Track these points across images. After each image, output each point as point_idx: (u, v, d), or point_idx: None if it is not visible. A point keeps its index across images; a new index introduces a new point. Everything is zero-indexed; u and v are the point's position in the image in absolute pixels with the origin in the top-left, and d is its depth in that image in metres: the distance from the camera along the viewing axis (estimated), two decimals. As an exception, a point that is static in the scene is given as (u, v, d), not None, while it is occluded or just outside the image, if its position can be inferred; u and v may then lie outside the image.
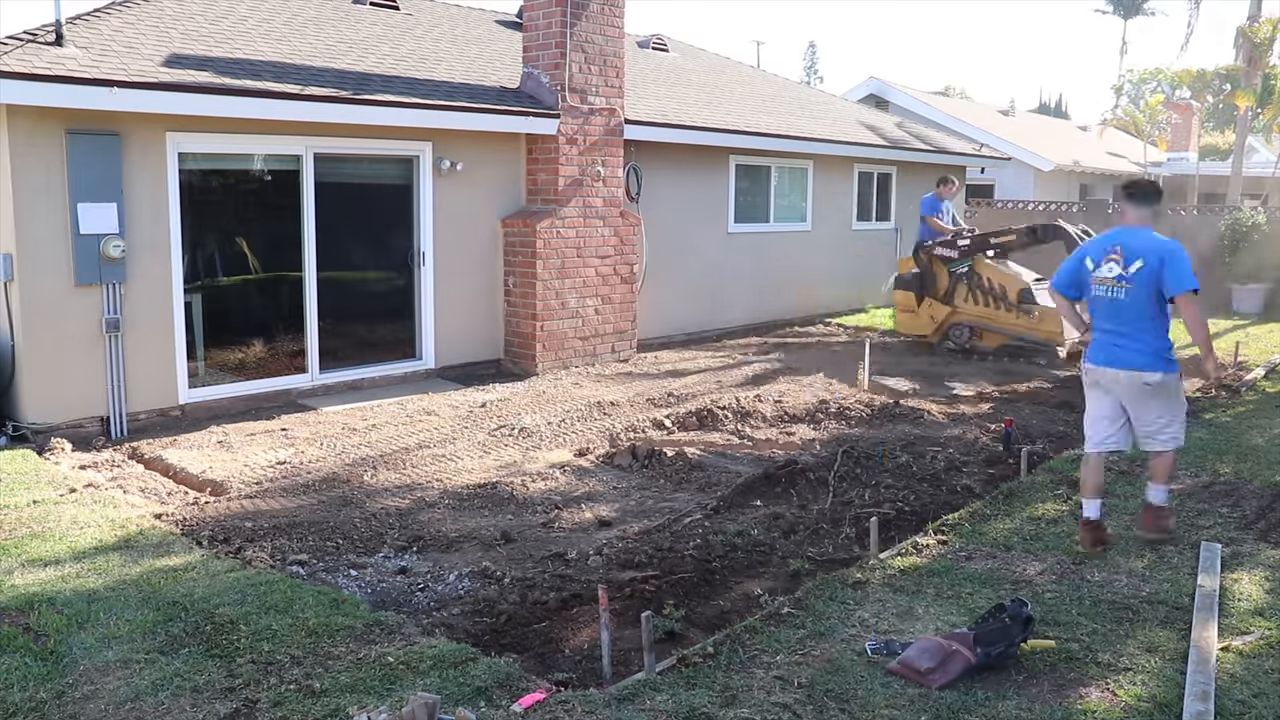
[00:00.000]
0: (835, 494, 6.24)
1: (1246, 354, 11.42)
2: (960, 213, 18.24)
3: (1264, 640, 4.11)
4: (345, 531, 5.61)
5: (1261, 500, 5.97)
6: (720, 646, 3.98)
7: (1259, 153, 26.81)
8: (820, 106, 16.66)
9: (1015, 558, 5.05)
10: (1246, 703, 3.61)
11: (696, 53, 17.03)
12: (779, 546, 5.39)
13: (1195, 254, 16.59)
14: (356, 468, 6.89)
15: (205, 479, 6.59)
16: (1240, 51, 18.79)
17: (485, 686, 3.65)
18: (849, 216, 15.45)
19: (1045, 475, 6.49)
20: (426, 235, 9.71)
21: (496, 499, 6.25)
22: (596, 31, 10.29)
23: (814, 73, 76.82)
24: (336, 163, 9.06)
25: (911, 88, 24.58)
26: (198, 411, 8.18)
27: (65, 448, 7.09)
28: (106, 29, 8.20)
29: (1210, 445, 7.29)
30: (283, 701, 3.55)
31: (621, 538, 5.55)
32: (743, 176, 13.27)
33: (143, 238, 7.73)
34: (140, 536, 5.32)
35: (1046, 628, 4.19)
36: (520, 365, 10.31)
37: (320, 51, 9.59)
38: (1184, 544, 5.24)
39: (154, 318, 7.89)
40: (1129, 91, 32.64)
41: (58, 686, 3.68)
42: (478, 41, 12.30)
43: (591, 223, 10.54)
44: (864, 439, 7.65)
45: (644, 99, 12.06)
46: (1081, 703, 3.59)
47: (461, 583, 4.94)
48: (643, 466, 7.05)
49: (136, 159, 7.66)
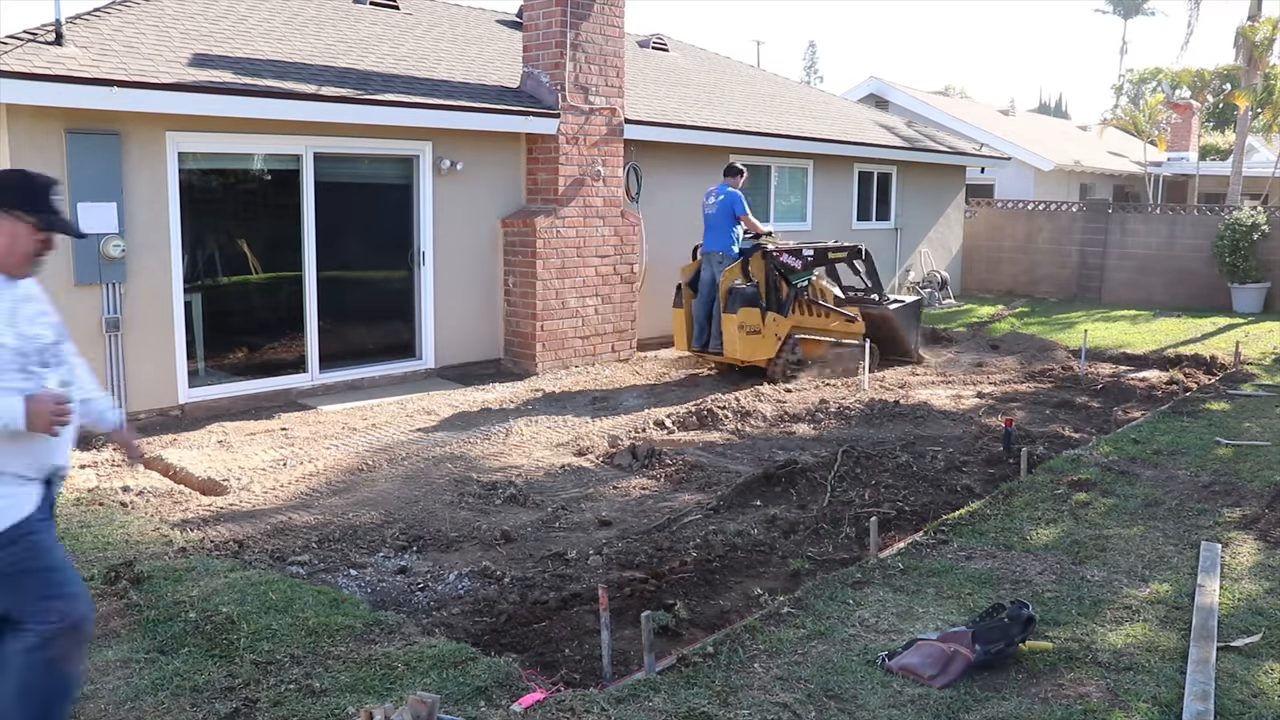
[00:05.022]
0: (835, 494, 6.24)
1: (1247, 353, 11.43)
2: (962, 213, 18.30)
3: (1264, 640, 4.11)
4: (345, 531, 5.61)
5: (1261, 500, 5.97)
6: (720, 646, 3.98)
7: (1259, 153, 26.80)
8: (820, 106, 16.66)
9: (1015, 558, 5.05)
10: (1246, 703, 3.61)
11: (696, 53, 17.03)
12: (779, 546, 5.39)
13: (1195, 253, 16.64)
14: (356, 467, 6.89)
15: (205, 478, 6.59)
16: (1240, 51, 18.79)
17: (485, 686, 3.64)
18: (849, 216, 15.44)
19: (1045, 475, 6.49)
20: (426, 235, 9.71)
21: (496, 498, 6.25)
22: (596, 31, 10.29)
23: (814, 73, 76.87)
24: (336, 162, 9.06)
25: (911, 88, 24.57)
26: (198, 411, 8.18)
27: (65, 447, 7.08)
28: (106, 28, 8.20)
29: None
30: (283, 701, 3.55)
31: (621, 537, 5.55)
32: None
33: (142, 237, 7.73)
34: (140, 536, 5.31)
35: (1046, 628, 4.19)
36: (520, 365, 10.31)
37: (320, 51, 9.59)
38: (1184, 544, 5.24)
39: (154, 317, 7.89)
40: (1129, 91, 32.63)
41: (57, 686, 3.67)
42: (478, 41, 12.30)
43: (591, 222, 10.54)
44: (864, 438, 7.65)
45: (644, 99, 12.06)
46: (1081, 703, 3.59)
47: (461, 582, 4.94)
48: (643, 466, 7.05)
49: (136, 159, 7.65)
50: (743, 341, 9.59)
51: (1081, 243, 17.96)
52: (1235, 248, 15.91)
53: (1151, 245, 17.29)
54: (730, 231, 10.01)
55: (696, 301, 10.15)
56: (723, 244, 9.98)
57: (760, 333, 9.69)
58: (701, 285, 10.11)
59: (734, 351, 9.67)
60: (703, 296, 10.08)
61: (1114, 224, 17.69)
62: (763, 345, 9.75)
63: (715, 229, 10.08)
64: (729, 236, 10.00)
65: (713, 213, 10.11)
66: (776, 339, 9.84)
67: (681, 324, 10.25)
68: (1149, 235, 17.32)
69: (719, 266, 9.90)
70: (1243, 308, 15.97)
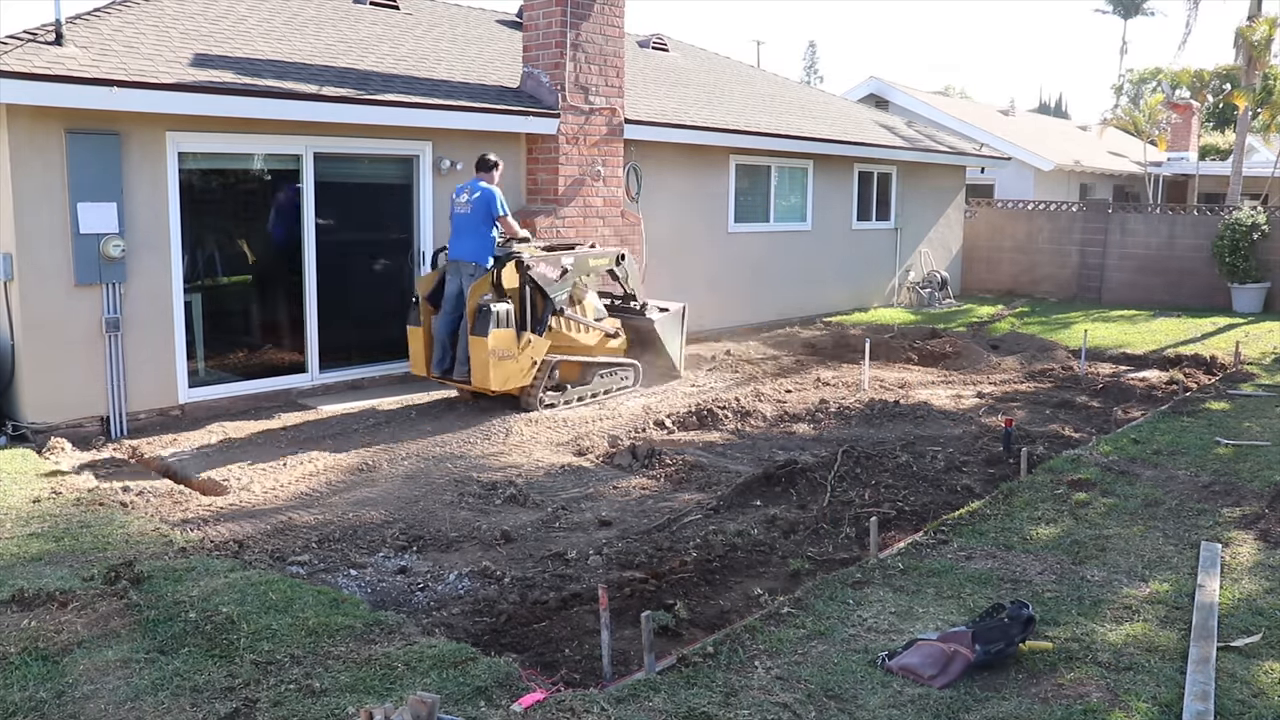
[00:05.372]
0: (835, 494, 6.24)
1: (1246, 353, 11.43)
2: (962, 213, 18.31)
3: (1264, 640, 4.11)
4: (345, 531, 5.61)
5: (1261, 500, 5.97)
6: (720, 646, 3.98)
7: (1259, 152, 26.80)
8: (820, 106, 16.66)
9: (1015, 558, 5.05)
10: (1246, 703, 3.62)
11: (696, 53, 17.03)
12: (779, 546, 5.39)
13: (1195, 253, 16.63)
14: (356, 467, 6.89)
15: (205, 478, 6.59)
16: (1239, 51, 18.79)
17: (485, 686, 3.64)
18: (849, 216, 15.44)
19: (1045, 475, 6.49)
20: (426, 235, 9.71)
21: (496, 498, 6.25)
22: (596, 31, 10.29)
23: (814, 73, 76.92)
24: (336, 162, 9.06)
25: (912, 87, 24.58)
26: (198, 411, 8.18)
27: (65, 447, 7.09)
28: (106, 28, 8.20)
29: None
30: (283, 701, 3.55)
31: (621, 537, 5.56)
32: (743, 176, 13.27)
33: (142, 237, 7.73)
34: (140, 536, 5.31)
35: (1046, 628, 4.19)
36: (520, 365, 10.29)
37: (320, 51, 9.59)
38: (1184, 544, 5.25)
39: (154, 317, 7.89)
40: (1129, 91, 32.60)
41: (58, 686, 3.68)
42: (478, 41, 12.30)
43: (591, 222, 10.54)
44: (864, 438, 7.65)
45: (644, 99, 12.06)
46: (1081, 703, 3.59)
47: (461, 582, 4.94)
48: (643, 466, 7.05)
49: (136, 159, 7.65)
50: (494, 368, 8.03)
51: (1081, 243, 17.96)
52: (1235, 248, 15.92)
53: (1151, 245, 17.29)
54: (487, 237, 8.32)
55: (439, 318, 8.47)
56: (475, 252, 8.26)
57: (514, 358, 8.18)
58: (446, 299, 8.44)
59: (484, 380, 8.08)
60: (446, 313, 8.44)
61: (1114, 224, 17.69)
62: (516, 371, 8.25)
63: (467, 233, 8.32)
64: (484, 243, 8.30)
65: (465, 214, 8.35)
66: (533, 363, 8.38)
67: (420, 345, 8.52)
68: (1149, 235, 17.33)
69: (469, 278, 8.25)
70: (1242, 308, 15.97)
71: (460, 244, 8.35)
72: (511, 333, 8.10)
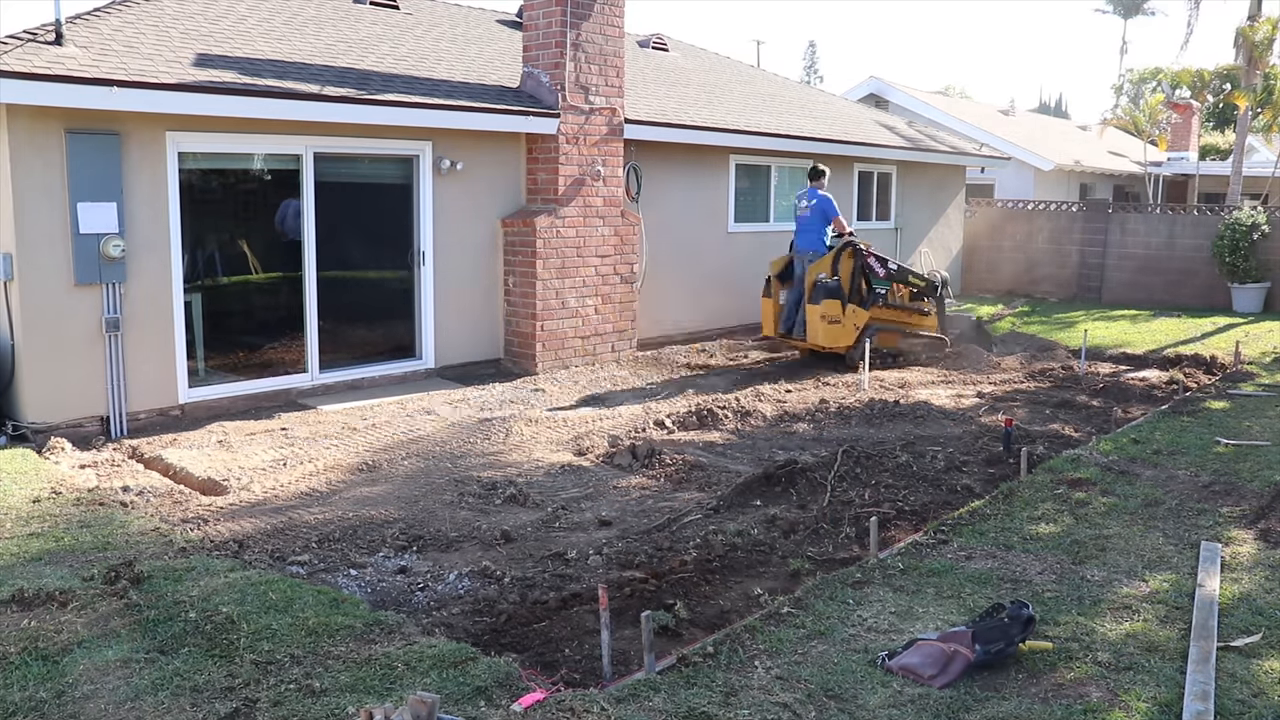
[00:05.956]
0: (835, 493, 6.24)
1: (1246, 353, 11.43)
2: (962, 213, 18.30)
3: (1264, 640, 4.11)
4: (345, 530, 5.61)
5: (1261, 500, 5.97)
6: (720, 646, 3.98)
7: (1259, 152, 26.80)
8: (820, 106, 16.66)
9: (1015, 558, 5.05)
10: (1246, 703, 3.61)
11: (696, 52, 17.02)
12: (779, 546, 5.39)
13: (1195, 253, 16.63)
14: (356, 467, 6.89)
15: (205, 478, 6.59)
16: (1240, 51, 18.78)
17: (485, 686, 3.65)
18: (850, 216, 15.42)
19: (1045, 475, 6.49)
20: (426, 235, 9.71)
21: (496, 498, 6.25)
22: (596, 31, 10.29)
23: (814, 73, 76.92)
24: (336, 162, 9.06)
25: (911, 87, 24.57)
26: (198, 411, 8.18)
27: (65, 447, 7.09)
28: (106, 28, 8.20)
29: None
30: (283, 701, 3.55)
31: (621, 537, 5.56)
32: (743, 176, 13.27)
33: (142, 237, 7.73)
34: (140, 535, 5.31)
35: (1046, 628, 4.19)
36: (520, 365, 10.31)
37: (320, 51, 9.59)
38: (1184, 543, 5.25)
39: (154, 317, 7.89)
40: (1129, 91, 32.56)
41: (57, 686, 3.68)
42: (478, 41, 12.30)
43: (591, 222, 10.54)
44: (864, 438, 7.65)
45: (644, 99, 12.06)
46: (1081, 703, 3.59)
47: (461, 582, 4.94)
48: (643, 466, 7.05)
49: (136, 158, 7.65)
50: (824, 330, 10.61)
51: (1081, 242, 17.95)
52: (1235, 248, 15.91)
53: (1151, 245, 17.29)
54: (822, 232, 11.05)
55: (788, 292, 11.21)
56: (815, 244, 11.03)
57: (840, 322, 10.65)
58: (795, 279, 11.13)
59: (815, 338, 10.72)
60: (794, 288, 11.13)
61: (1114, 224, 17.69)
62: (842, 334, 10.71)
63: (808, 230, 11.10)
64: (821, 238, 11.04)
65: (806, 215, 11.12)
66: (855, 328, 10.77)
67: (769, 311, 11.28)
68: (1149, 235, 17.32)
69: (809, 262, 10.91)
70: (1243, 307, 15.97)
71: (803, 239, 11.18)
72: (838, 303, 10.61)
